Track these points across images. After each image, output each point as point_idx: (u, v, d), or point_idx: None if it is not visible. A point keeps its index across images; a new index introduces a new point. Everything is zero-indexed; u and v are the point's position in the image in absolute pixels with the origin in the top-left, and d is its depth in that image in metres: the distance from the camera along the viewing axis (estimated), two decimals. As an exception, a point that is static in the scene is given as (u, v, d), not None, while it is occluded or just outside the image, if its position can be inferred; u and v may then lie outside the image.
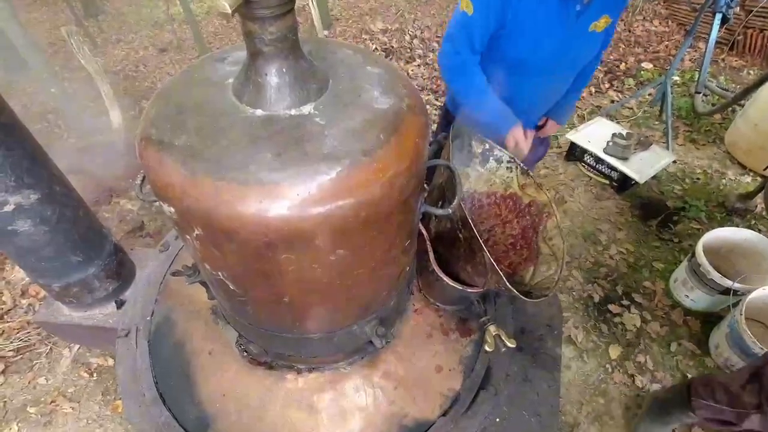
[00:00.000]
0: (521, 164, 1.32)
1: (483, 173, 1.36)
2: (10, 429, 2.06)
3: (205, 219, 0.72)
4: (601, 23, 1.54)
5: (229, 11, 0.57)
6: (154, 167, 0.74)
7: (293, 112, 0.75)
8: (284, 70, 0.73)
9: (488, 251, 0.96)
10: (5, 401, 2.15)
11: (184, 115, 0.77)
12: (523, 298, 1.01)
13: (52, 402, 2.14)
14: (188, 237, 0.79)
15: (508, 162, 1.34)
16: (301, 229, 0.71)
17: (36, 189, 1.09)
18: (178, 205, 0.73)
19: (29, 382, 2.22)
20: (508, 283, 0.96)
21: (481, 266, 1.03)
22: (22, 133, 1.07)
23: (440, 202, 1.17)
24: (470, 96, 1.61)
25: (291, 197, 0.67)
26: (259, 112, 0.75)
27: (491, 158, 1.35)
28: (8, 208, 1.05)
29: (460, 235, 1.06)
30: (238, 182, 0.68)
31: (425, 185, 1.00)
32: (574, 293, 2.56)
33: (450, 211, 0.92)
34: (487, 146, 1.34)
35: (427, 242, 1.22)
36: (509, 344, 1.21)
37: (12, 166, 1.02)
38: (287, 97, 0.75)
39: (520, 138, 1.58)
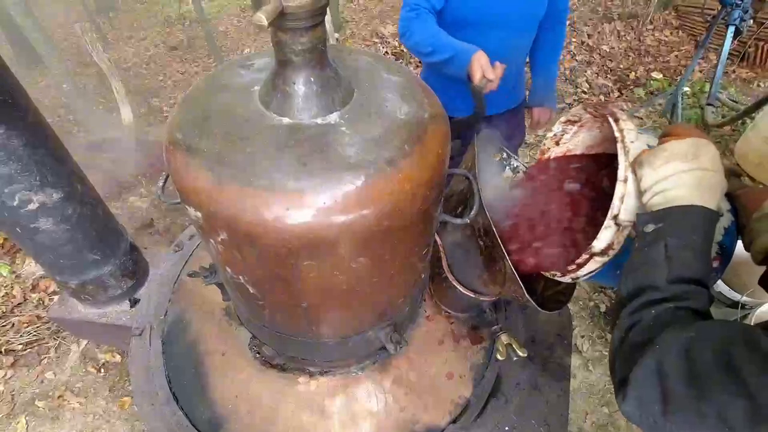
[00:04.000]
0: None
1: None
2: (18, 422, 2.07)
3: (230, 224, 0.73)
4: None
5: (266, 23, 0.58)
6: (181, 171, 0.75)
7: (319, 120, 0.76)
8: (312, 79, 0.74)
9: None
10: (14, 394, 2.17)
11: (210, 120, 0.78)
12: (539, 309, 1.01)
13: (59, 397, 2.16)
14: (211, 241, 0.80)
15: (525, 172, 1.34)
16: (325, 237, 0.72)
17: (58, 187, 1.11)
18: (203, 210, 0.74)
19: (38, 376, 2.24)
20: (527, 294, 0.96)
21: (499, 275, 1.04)
22: (47, 132, 1.08)
23: (459, 209, 1.18)
24: (427, 41, 1.61)
25: (315, 205, 0.68)
26: (285, 120, 0.76)
27: (507, 167, 1.35)
28: (32, 206, 1.07)
29: (481, 243, 1.06)
30: (264, 189, 0.69)
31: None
32: (580, 302, 2.55)
33: (468, 220, 0.93)
34: (505, 155, 1.34)
35: (441, 248, 1.22)
36: (521, 353, 1.22)
37: (37, 165, 1.03)
38: (314, 106, 0.75)
39: (486, 63, 1.52)
